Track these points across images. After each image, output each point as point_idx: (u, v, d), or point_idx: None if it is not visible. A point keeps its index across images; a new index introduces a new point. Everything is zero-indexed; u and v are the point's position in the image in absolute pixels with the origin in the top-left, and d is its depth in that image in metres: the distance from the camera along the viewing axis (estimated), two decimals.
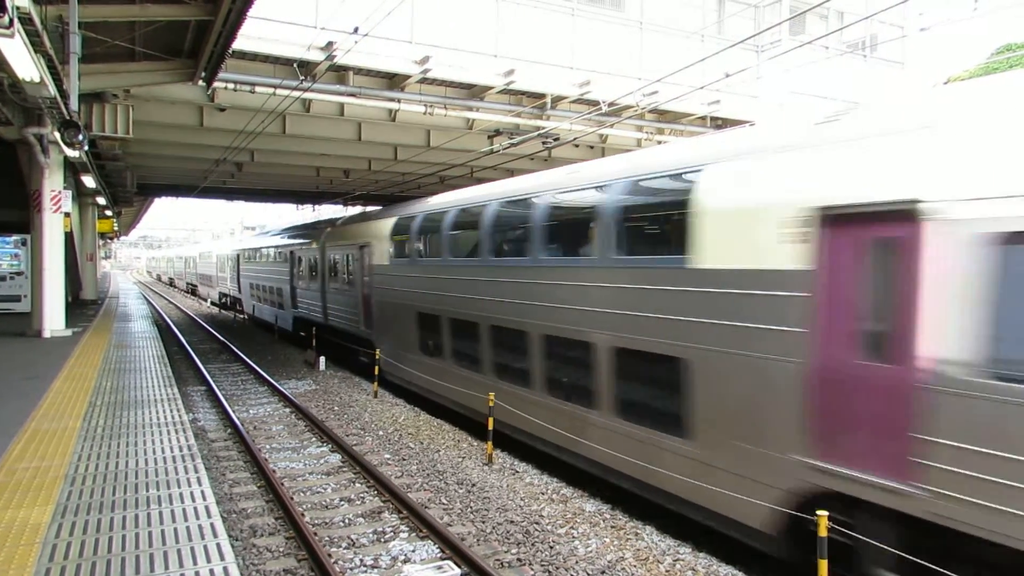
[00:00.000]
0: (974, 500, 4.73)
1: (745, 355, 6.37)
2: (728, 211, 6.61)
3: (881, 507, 5.32)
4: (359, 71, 14.44)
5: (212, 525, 5.05)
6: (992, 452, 4.62)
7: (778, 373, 6.04)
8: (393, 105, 15.29)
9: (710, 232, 6.78)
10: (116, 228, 44.34)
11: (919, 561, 5.08)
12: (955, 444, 4.81)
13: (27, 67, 8.22)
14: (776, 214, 6.07)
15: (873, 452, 5.34)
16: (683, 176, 7.41)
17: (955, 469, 4.81)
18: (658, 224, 8.36)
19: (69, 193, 16.36)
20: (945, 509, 4.89)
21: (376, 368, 15.40)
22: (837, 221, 5.60)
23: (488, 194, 11.60)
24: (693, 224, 6.95)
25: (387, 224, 15.42)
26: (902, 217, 5.13)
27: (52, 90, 9.51)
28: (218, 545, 4.72)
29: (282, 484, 8.98)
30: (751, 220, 6.34)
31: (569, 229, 9.64)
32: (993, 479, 4.62)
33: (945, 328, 4.85)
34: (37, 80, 8.74)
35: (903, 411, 5.12)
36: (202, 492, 5.73)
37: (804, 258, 5.81)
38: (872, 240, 5.39)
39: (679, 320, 7.15)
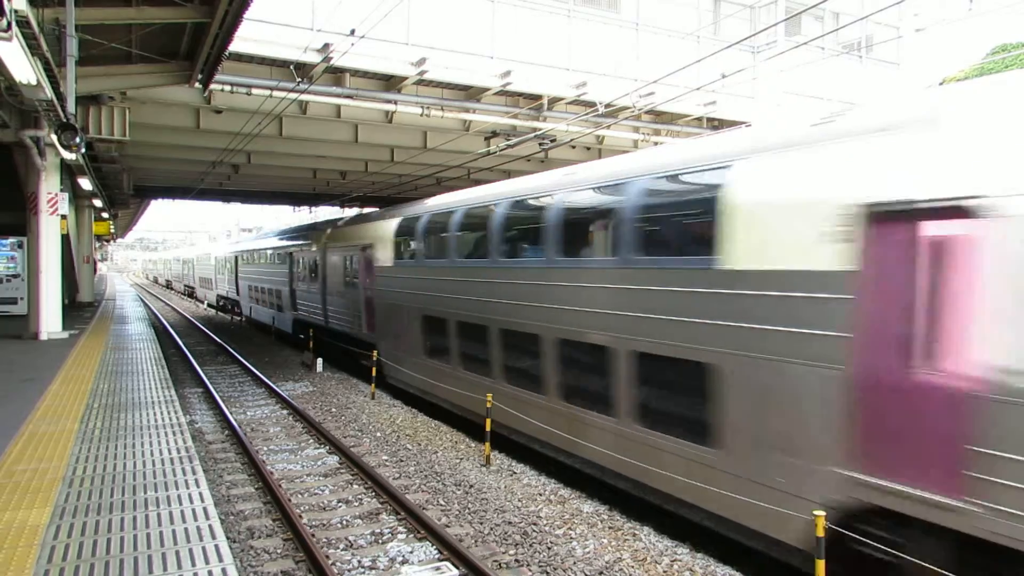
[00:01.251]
0: None
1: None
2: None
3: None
4: (355, 73, 14.46)
5: (210, 527, 5.06)
6: None
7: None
8: (390, 107, 15.30)
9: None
10: (113, 230, 44.32)
11: None
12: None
13: (24, 70, 8.22)
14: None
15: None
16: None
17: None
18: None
19: (66, 195, 16.33)
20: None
21: (374, 370, 15.39)
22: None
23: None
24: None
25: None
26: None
27: (49, 93, 9.51)
28: (216, 546, 4.72)
29: (280, 486, 8.99)
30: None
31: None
32: None
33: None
34: (34, 83, 8.74)
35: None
36: (200, 494, 5.74)
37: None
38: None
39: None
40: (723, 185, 6.64)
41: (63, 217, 16.15)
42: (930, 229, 4.98)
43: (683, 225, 7.87)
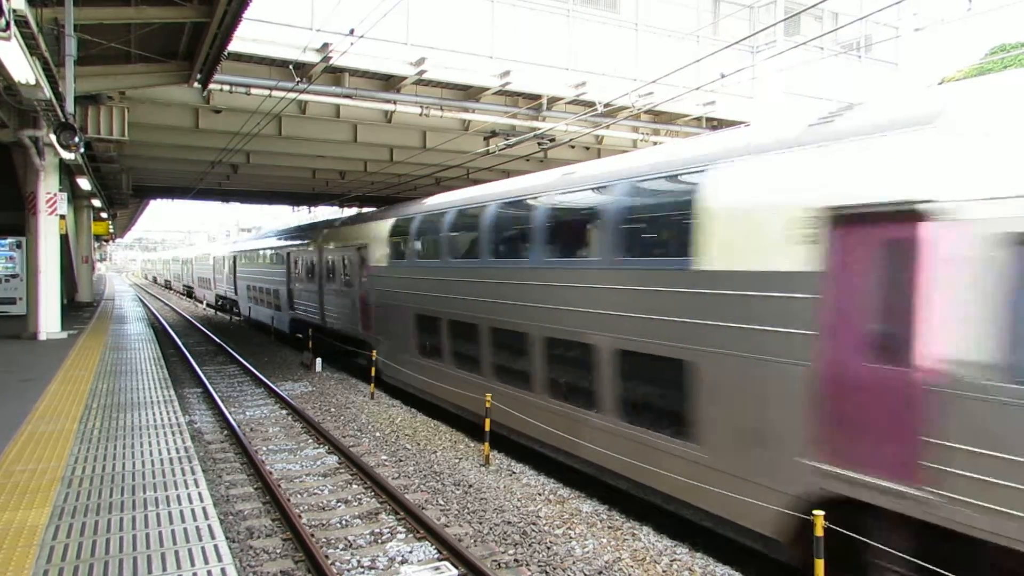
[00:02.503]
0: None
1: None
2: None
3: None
4: (355, 73, 14.45)
5: (209, 527, 5.06)
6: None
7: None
8: (389, 107, 15.29)
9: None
10: (111, 230, 44.29)
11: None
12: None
13: (23, 70, 8.21)
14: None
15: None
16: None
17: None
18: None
19: (64, 195, 16.32)
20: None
21: (372, 369, 15.40)
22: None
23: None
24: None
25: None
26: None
27: (48, 93, 9.51)
28: (215, 546, 4.72)
29: (279, 486, 8.98)
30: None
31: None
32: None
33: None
34: (33, 83, 8.73)
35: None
36: (199, 494, 5.74)
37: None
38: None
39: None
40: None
41: (62, 217, 16.14)
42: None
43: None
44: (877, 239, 5.32)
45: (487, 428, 10.33)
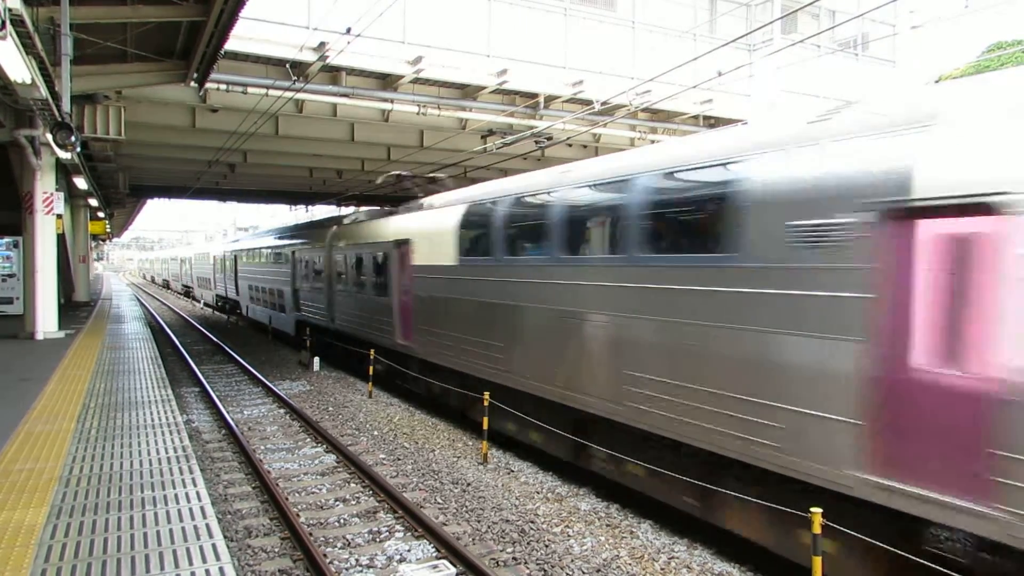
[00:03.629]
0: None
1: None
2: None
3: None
4: (352, 71, 14.44)
5: (207, 526, 5.06)
6: None
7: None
8: (386, 105, 15.29)
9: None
10: (108, 230, 44.21)
11: None
12: None
13: (19, 69, 8.20)
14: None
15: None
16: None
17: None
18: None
19: (61, 195, 16.30)
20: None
21: (371, 368, 15.34)
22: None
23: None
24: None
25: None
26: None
27: (44, 92, 9.49)
28: (213, 546, 4.72)
29: (277, 485, 8.98)
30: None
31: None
32: None
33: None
34: (29, 82, 8.72)
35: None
36: (197, 493, 5.74)
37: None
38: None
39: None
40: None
41: (59, 216, 16.12)
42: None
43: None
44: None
45: (485, 427, 10.32)
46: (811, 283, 5.58)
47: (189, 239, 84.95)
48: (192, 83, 13.10)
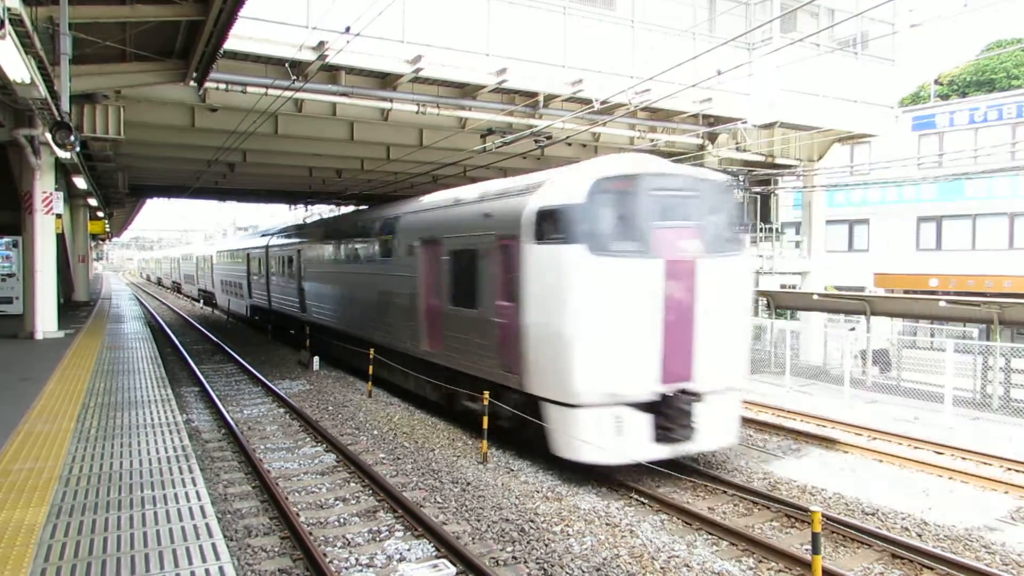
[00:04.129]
0: None
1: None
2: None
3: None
4: (351, 71, 14.42)
5: (207, 525, 5.06)
6: None
7: None
8: (385, 104, 15.27)
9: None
10: (108, 229, 44.10)
11: None
12: None
13: (18, 68, 8.18)
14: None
15: None
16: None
17: None
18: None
19: (60, 195, 16.27)
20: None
21: (371, 368, 15.33)
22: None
23: None
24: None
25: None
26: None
27: (43, 91, 9.48)
28: (213, 545, 4.73)
29: (277, 484, 8.98)
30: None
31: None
32: None
33: None
34: (28, 81, 8.70)
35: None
36: (197, 492, 5.74)
37: None
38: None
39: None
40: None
41: (58, 216, 16.10)
42: None
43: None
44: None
45: (484, 426, 10.33)
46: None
47: (188, 239, 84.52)
48: (191, 82, 13.07)
